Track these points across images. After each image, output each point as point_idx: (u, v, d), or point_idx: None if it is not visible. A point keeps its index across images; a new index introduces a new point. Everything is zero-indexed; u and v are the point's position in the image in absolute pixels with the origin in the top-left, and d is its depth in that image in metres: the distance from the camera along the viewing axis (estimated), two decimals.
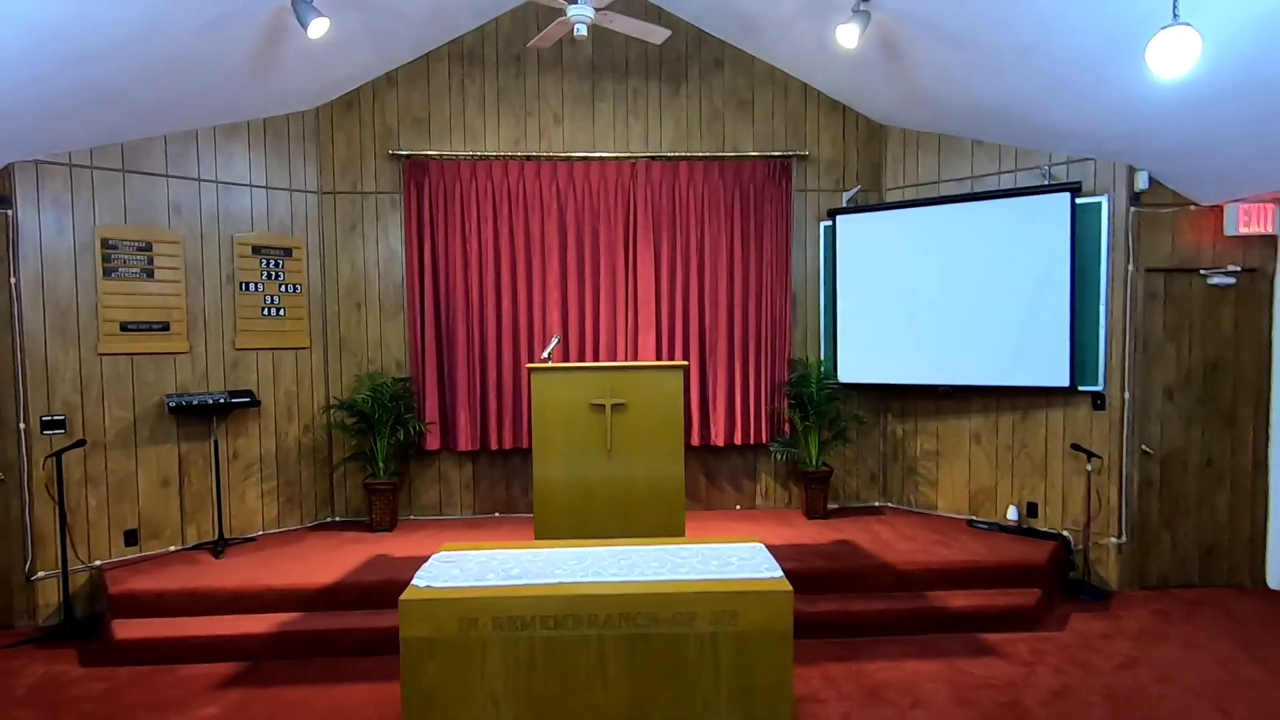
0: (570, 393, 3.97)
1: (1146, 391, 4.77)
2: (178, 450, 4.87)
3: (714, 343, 5.57)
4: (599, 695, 2.59)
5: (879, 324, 5.44)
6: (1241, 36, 3.18)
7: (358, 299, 5.53)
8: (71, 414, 4.47)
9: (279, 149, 5.25)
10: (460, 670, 2.56)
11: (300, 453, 5.38)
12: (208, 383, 4.97)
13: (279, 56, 4.53)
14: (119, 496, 4.66)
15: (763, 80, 5.61)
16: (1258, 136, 3.82)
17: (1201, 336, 4.79)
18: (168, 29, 3.79)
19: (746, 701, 2.59)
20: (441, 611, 2.58)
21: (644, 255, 5.50)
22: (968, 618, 4.16)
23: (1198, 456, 4.83)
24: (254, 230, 5.16)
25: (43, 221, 4.37)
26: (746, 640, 2.60)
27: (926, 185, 5.48)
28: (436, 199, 5.43)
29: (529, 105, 5.51)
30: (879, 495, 5.84)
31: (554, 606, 2.60)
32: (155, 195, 4.76)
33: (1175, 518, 4.83)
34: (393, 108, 5.46)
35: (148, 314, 4.73)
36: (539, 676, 2.58)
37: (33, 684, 3.67)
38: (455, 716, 2.57)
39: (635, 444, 3.98)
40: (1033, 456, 5.11)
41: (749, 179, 5.57)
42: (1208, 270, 4.72)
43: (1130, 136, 4.34)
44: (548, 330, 5.46)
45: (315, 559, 4.63)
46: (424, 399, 5.43)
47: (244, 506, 5.14)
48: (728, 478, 5.75)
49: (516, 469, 5.63)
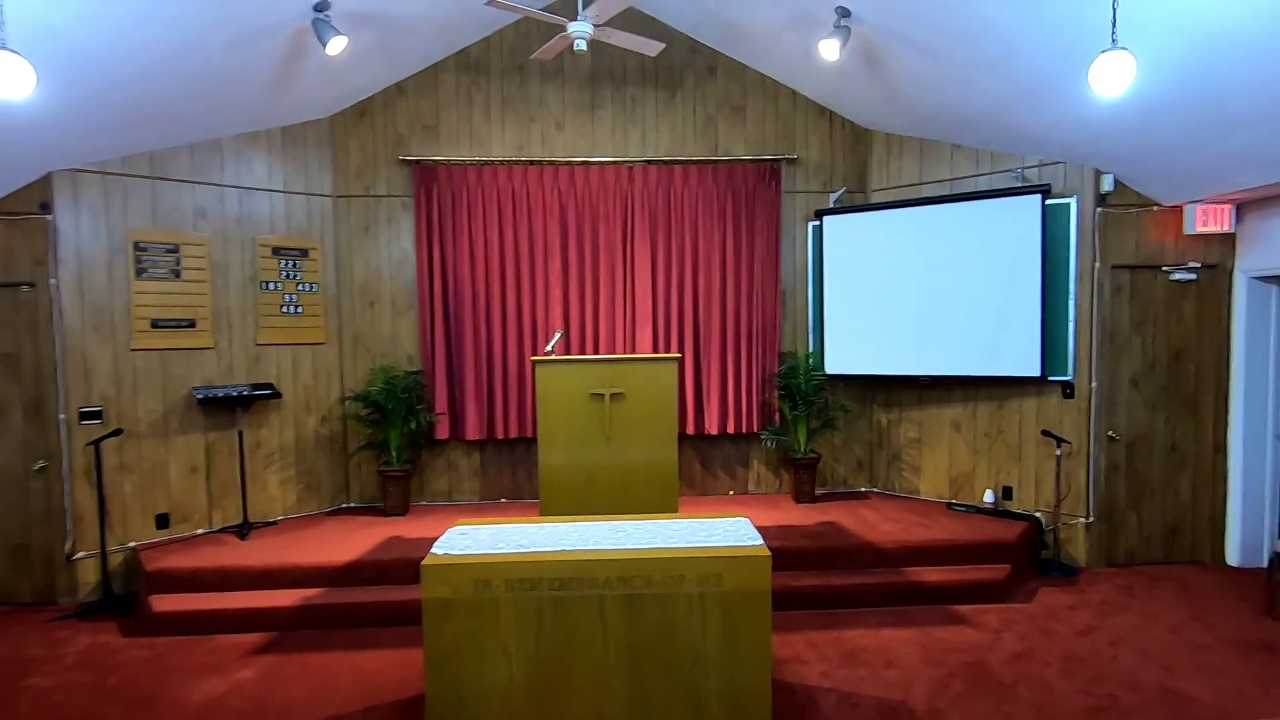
0: (572, 383, 4.29)
1: (1113, 380, 5.08)
2: (205, 440, 5.19)
3: (708, 337, 5.88)
4: (600, 648, 2.91)
5: (864, 318, 5.74)
6: (1181, 54, 3.49)
7: (371, 297, 5.84)
8: (107, 405, 4.79)
9: (296, 155, 5.56)
10: (476, 627, 2.88)
11: (318, 442, 5.71)
12: (232, 376, 5.29)
13: (297, 70, 4.84)
14: (151, 483, 4.98)
15: (754, 87, 5.91)
16: (1205, 144, 4.12)
17: (1164, 329, 5.09)
18: (199, 49, 4.10)
19: (731, 652, 2.91)
20: (458, 575, 2.90)
21: (641, 254, 5.81)
22: (942, 591, 4.49)
23: (1161, 441, 5.14)
24: (273, 232, 5.47)
25: (79, 226, 4.68)
26: (730, 599, 2.92)
27: (909, 187, 5.78)
28: (445, 202, 5.74)
29: (532, 112, 5.81)
30: (865, 481, 6.16)
31: (559, 570, 2.92)
32: (182, 200, 5.07)
33: (1140, 499, 5.15)
34: (403, 116, 5.77)
35: (176, 312, 5.05)
36: (547, 632, 2.90)
37: (80, 652, 4.00)
38: (472, 669, 2.89)
39: (632, 430, 4.30)
40: (1008, 443, 5.42)
41: (741, 181, 5.87)
42: (1170, 266, 5.03)
43: (1094, 142, 4.65)
44: (550, 325, 5.77)
45: (334, 540, 4.96)
46: (434, 391, 5.75)
47: (265, 493, 5.46)
48: (721, 465, 6.07)
49: (521, 457, 5.96)
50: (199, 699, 3.45)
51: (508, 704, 2.90)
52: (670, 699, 2.92)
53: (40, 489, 4.70)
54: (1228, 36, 3.27)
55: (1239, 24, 3.18)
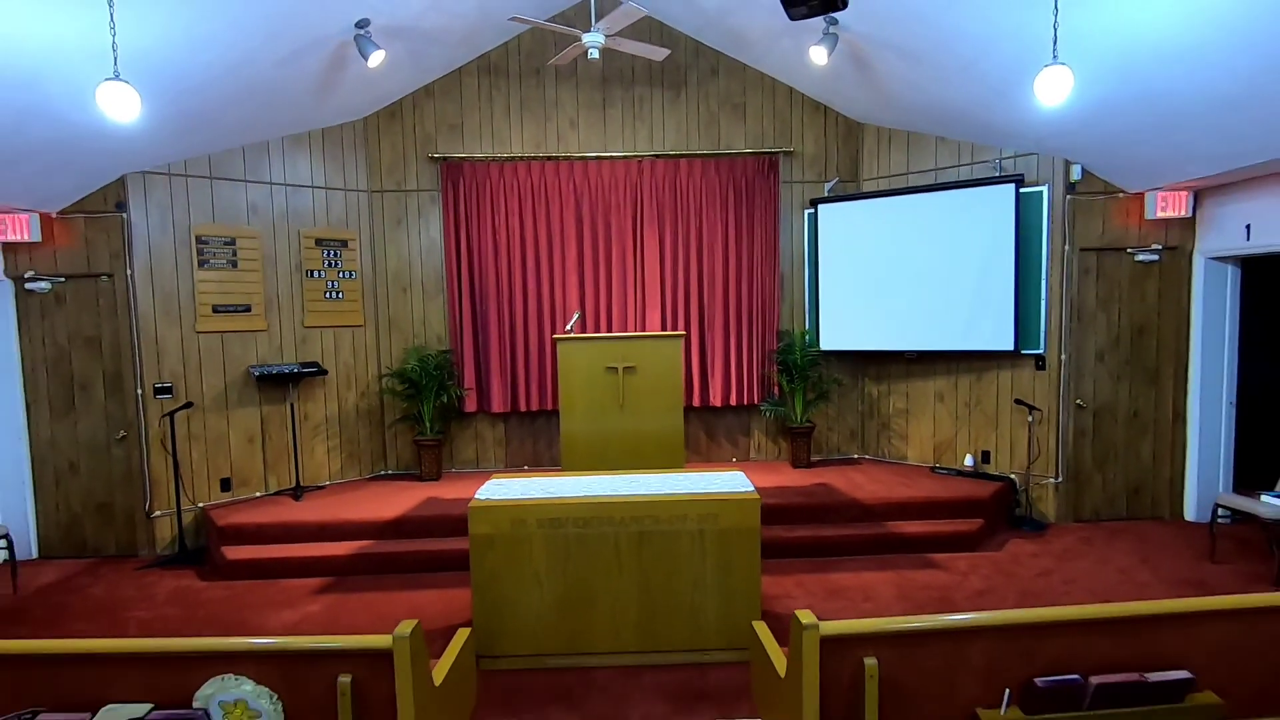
0: (589, 358, 4.84)
1: (1081, 353, 5.57)
2: (260, 412, 5.80)
3: (711, 317, 6.41)
4: (616, 576, 3.48)
5: (855, 299, 6.25)
6: (1118, 61, 3.96)
7: (404, 283, 6.41)
8: (176, 381, 5.41)
9: (335, 155, 6.11)
10: (513, 558, 3.46)
11: (358, 415, 6.31)
12: (282, 355, 5.89)
13: (337, 79, 5.37)
14: (215, 451, 5.61)
15: (753, 85, 6.38)
16: (1152, 139, 4.58)
17: (1129, 306, 5.57)
18: (254, 64, 4.65)
19: (725, 579, 3.47)
20: (498, 515, 3.47)
21: (650, 241, 6.33)
22: (919, 541, 5.03)
23: (1125, 409, 5.63)
24: (316, 225, 6.04)
25: (149, 222, 5.27)
26: (725, 535, 3.48)
27: (897, 177, 6.25)
28: (469, 195, 6.28)
29: (548, 112, 6.32)
30: (857, 448, 6.70)
31: (581, 511, 3.49)
32: (236, 197, 5.64)
33: (1105, 461, 5.65)
34: (430, 116, 6.29)
35: (233, 298, 5.64)
36: (572, 562, 3.47)
37: (168, 593, 4.64)
38: (509, 591, 3.47)
39: (643, 400, 4.85)
40: (986, 411, 5.94)
41: (741, 173, 6.36)
42: (1134, 249, 5.49)
43: (1061, 135, 5.10)
44: (568, 307, 6.32)
45: (378, 501, 5.57)
46: (462, 368, 6.32)
47: (313, 460, 6.08)
48: (724, 434, 6.62)
49: (542, 428, 6.53)
50: (278, 624, 4.08)
51: (539, 620, 3.48)
52: (674, 617, 3.50)
53: (121, 455, 5.33)
54: (1157, 46, 3.73)
55: (1166, 35, 3.64)
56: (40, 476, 5.32)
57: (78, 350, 5.27)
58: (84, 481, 5.35)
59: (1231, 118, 4.06)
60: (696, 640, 3.51)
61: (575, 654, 3.51)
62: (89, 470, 5.34)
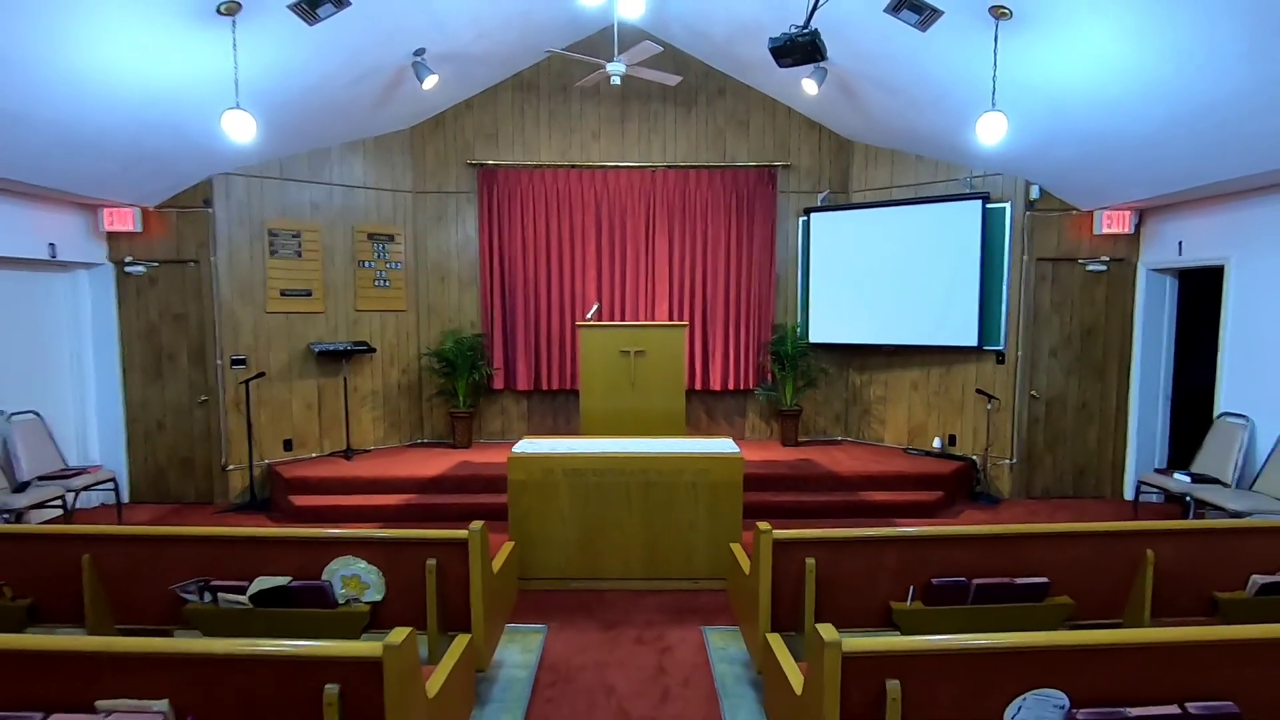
0: (606, 343, 5.66)
1: (1036, 350, 6.34)
2: (317, 384, 6.67)
3: (713, 310, 7.22)
4: (625, 515, 4.31)
5: (842, 297, 7.03)
6: (1047, 105, 4.73)
7: (442, 273, 7.25)
8: (249, 354, 6.27)
9: (384, 159, 6.94)
10: (543, 499, 4.30)
11: (400, 389, 7.17)
12: (337, 335, 6.75)
13: (392, 95, 6.20)
14: (279, 415, 6.47)
15: (756, 105, 7.16)
16: (1096, 167, 5.35)
17: (1079, 310, 6.33)
18: (328, 85, 5.48)
19: (713, 521, 4.29)
20: (531, 464, 4.31)
21: (660, 242, 7.14)
22: (885, 508, 5.84)
23: (1074, 400, 6.40)
24: (367, 221, 6.88)
25: (230, 216, 6.12)
26: (715, 486, 4.30)
27: (882, 190, 7.03)
28: (502, 197, 7.10)
29: (573, 125, 7.13)
30: (841, 431, 7.50)
31: (599, 464, 4.31)
32: (301, 196, 6.49)
33: (1055, 445, 6.43)
34: (469, 127, 7.11)
35: (297, 283, 6.49)
36: (591, 503, 4.30)
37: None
38: (539, 527, 4.31)
39: (651, 379, 5.68)
40: (953, 399, 6.73)
41: (743, 183, 7.16)
42: (1085, 260, 6.25)
43: (1022, 160, 5.87)
44: (586, 298, 7.14)
45: (419, 462, 6.42)
46: (492, 349, 7.16)
47: (361, 427, 6.94)
48: (722, 415, 7.44)
49: (561, 405, 7.37)
50: None
51: (563, 551, 4.33)
52: (671, 550, 4.33)
53: (201, 417, 6.21)
54: (1083, 95, 4.51)
55: (1089, 87, 4.41)
56: (133, 433, 6.21)
57: (167, 325, 6.14)
58: (169, 438, 6.23)
59: (1151, 154, 4.82)
60: (689, 570, 4.34)
61: (592, 578, 4.35)
62: (174, 428, 6.22)
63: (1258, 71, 3.65)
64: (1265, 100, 3.81)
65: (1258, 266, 5.07)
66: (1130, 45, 3.94)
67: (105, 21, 3.75)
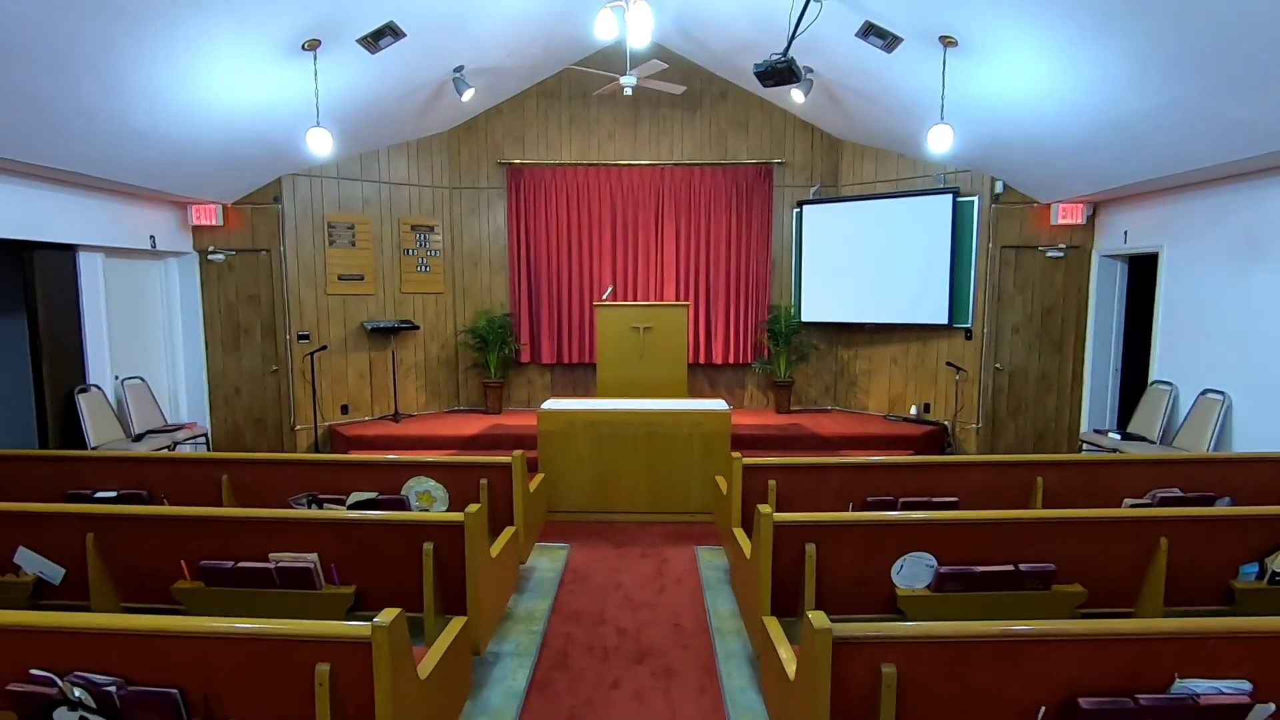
0: (619, 320, 6.58)
1: (1000, 327, 7.15)
2: (369, 356, 7.66)
3: (715, 292, 8.10)
4: (634, 458, 5.24)
5: (831, 280, 7.87)
6: (988, 118, 5.53)
7: (475, 260, 8.20)
8: (312, 330, 7.27)
9: (425, 159, 7.88)
10: (566, 445, 5.24)
11: (439, 362, 8.15)
12: (385, 314, 7.73)
13: (434, 104, 7.11)
14: (337, 383, 7.49)
15: (754, 107, 7.98)
16: (1043, 167, 6.14)
17: (1039, 291, 7.12)
18: (383, 99, 6.41)
19: (705, 467, 5.21)
20: (557, 417, 5.25)
21: (668, 231, 8.02)
22: None
23: (1035, 371, 7.22)
24: (411, 214, 7.83)
25: (295, 211, 7.10)
26: (708, 437, 5.21)
27: (867, 184, 7.84)
28: (528, 192, 8.01)
29: (591, 127, 8.00)
30: (830, 400, 8.37)
31: (612, 418, 5.24)
32: (355, 192, 7.45)
33: (1017, 412, 7.26)
34: (499, 130, 8.02)
35: (352, 269, 7.47)
36: (605, 449, 5.24)
37: None
38: (562, 467, 5.25)
39: (657, 352, 6.59)
40: (928, 371, 7.56)
41: (743, 179, 8.00)
42: (1044, 247, 7.03)
43: (985, 159, 6.66)
44: (602, 281, 8.05)
45: (457, 425, 7.41)
46: (519, 327, 8.11)
47: (405, 394, 7.94)
48: (723, 386, 8.34)
49: (580, 376, 8.32)
50: None
51: (582, 489, 5.28)
52: (671, 488, 5.26)
53: (272, 383, 7.24)
54: (1020, 106, 5.31)
55: (1025, 101, 5.21)
56: (214, 397, 7.25)
57: (243, 305, 7.16)
58: (245, 401, 7.27)
59: (1083, 157, 5.61)
60: (685, 506, 5.28)
61: (606, 511, 5.30)
62: (249, 393, 7.26)
63: (1151, 100, 4.45)
64: (1165, 120, 4.60)
65: (1182, 254, 5.85)
66: (1056, 70, 4.74)
67: (216, 59, 4.70)
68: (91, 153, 5.04)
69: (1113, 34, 4.09)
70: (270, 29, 4.62)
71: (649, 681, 3.19)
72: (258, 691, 2.05)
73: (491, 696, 3.05)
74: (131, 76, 4.40)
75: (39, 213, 5.23)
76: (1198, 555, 3.04)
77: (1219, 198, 5.44)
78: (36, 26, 3.63)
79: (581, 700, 3.04)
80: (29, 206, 5.12)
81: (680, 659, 3.39)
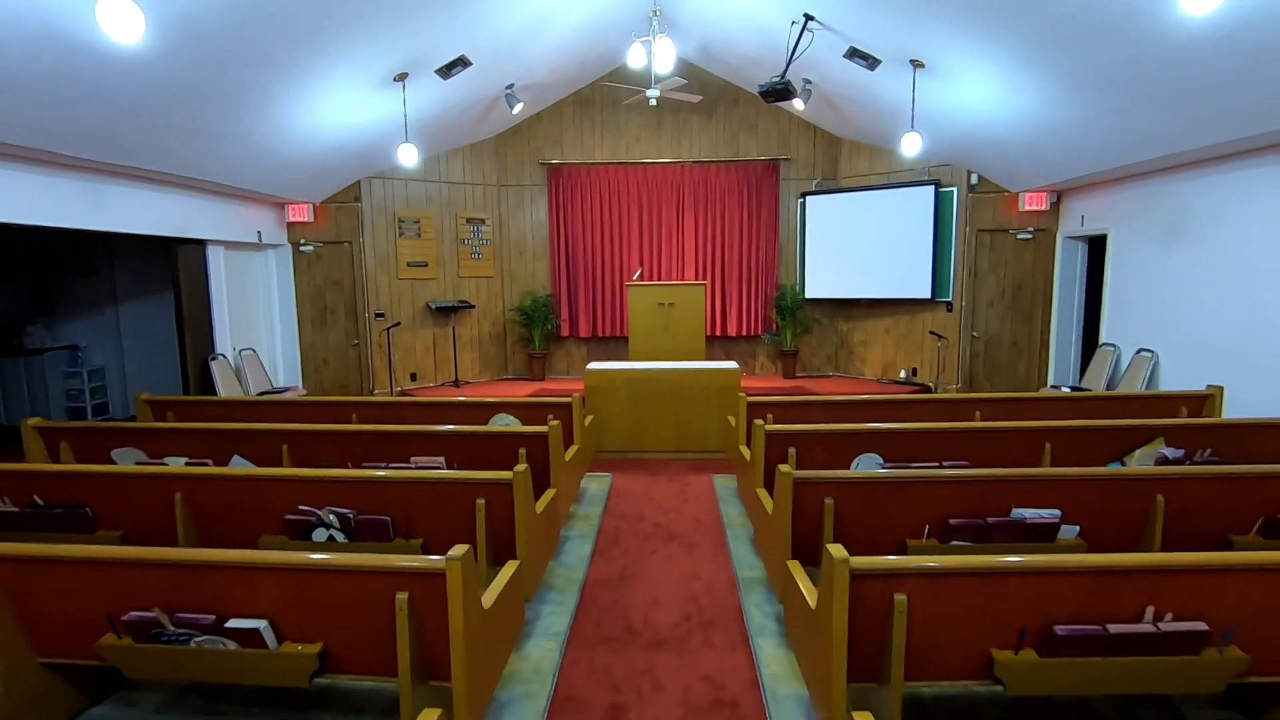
0: (646, 298, 7.79)
1: (977, 301, 8.25)
2: (433, 332, 8.96)
3: (729, 273, 9.27)
4: (662, 408, 6.47)
5: (831, 261, 9.01)
6: (958, 123, 6.62)
7: (520, 248, 9.44)
8: (386, 310, 8.58)
9: (478, 161, 9.11)
10: (608, 397, 6.49)
11: (491, 337, 9.43)
12: (446, 295, 9.01)
13: (487, 115, 8.33)
14: (407, 355, 8.80)
15: (763, 110, 9.09)
16: (1006, 162, 7.22)
17: (1011, 269, 8.21)
18: (449, 113, 7.65)
19: (720, 414, 6.42)
20: (601, 376, 6.49)
21: (688, 221, 9.19)
22: None
23: (1007, 339, 8.32)
24: (466, 209, 9.09)
25: (372, 208, 8.38)
26: (721, 390, 6.42)
27: (862, 177, 8.94)
28: (566, 189, 9.23)
29: (620, 131, 9.18)
30: (832, 368, 9.54)
31: (644, 375, 6.47)
32: (420, 190, 8.72)
33: (992, 375, 8.38)
34: (540, 134, 9.22)
35: (418, 257, 8.76)
36: (639, 401, 6.48)
37: None
38: (604, 416, 6.50)
39: (680, 326, 7.80)
40: (915, 340, 8.69)
41: (753, 174, 9.14)
42: (1014, 230, 8.11)
43: (961, 155, 7.74)
44: (631, 265, 9.26)
45: (509, 389, 8.70)
46: (559, 306, 9.36)
47: (463, 363, 9.24)
48: (737, 355, 9.54)
49: (613, 349, 9.55)
50: None
51: (620, 432, 6.53)
52: (693, 433, 6.49)
53: (354, 355, 8.57)
54: (981, 113, 6.40)
55: (982, 110, 6.31)
56: (306, 366, 8.60)
57: (329, 289, 8.48)
58: (332, 371, 8.61)
59: (1036, 155, 6.70)
60: (704, 445, 6.50)
61: (640, 451, 6.55)
62: (334, 364, 8.60)
63: (1076, 113, 5.54)
64: (1089, 128, 5.69)
65: (1124, 235, 6.92)
66: (1005, 89, 5.82)
67: (333, 93, 5.95)
68: (232, 168, 6.35)
69: (1042, 64, 5.20)
70: (374, 68, 5.86)
71: (678, 551, 4.43)
72: (438, 519, 3.32)
73: (567, 558, 4.32)
74: (272, 110, 5.68)
75: (185, 215, 6.55)
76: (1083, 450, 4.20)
77: (1150, 188, 6.50)
78: (218, 79, 4.91)
79: (632, 559, 4.30)
80: (179, 211, 6.44)
81: (700, 538, 4.63)
